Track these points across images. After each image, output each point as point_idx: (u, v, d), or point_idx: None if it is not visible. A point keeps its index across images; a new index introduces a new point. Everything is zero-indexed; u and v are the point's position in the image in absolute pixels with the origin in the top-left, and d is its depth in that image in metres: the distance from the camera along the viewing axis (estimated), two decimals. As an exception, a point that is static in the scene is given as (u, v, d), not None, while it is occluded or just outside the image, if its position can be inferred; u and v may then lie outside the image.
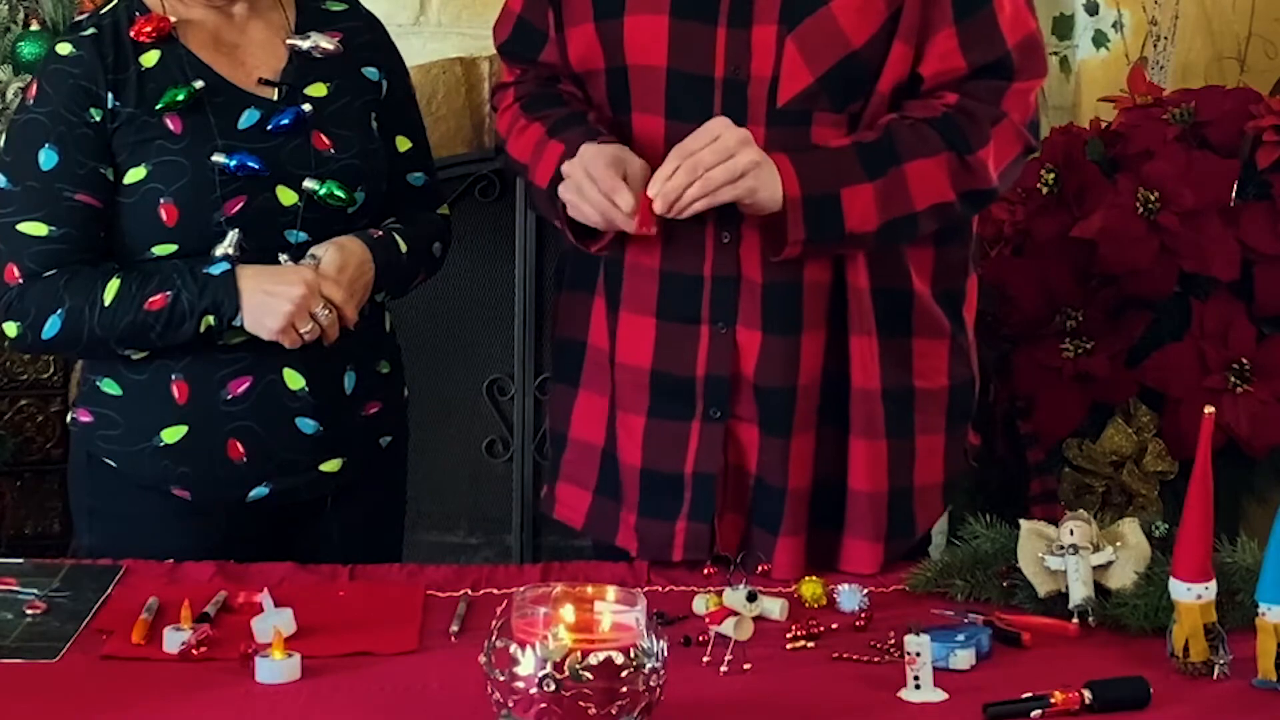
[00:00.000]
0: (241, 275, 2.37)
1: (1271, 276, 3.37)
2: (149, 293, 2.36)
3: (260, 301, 2.36)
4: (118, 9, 2.46)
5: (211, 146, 2.39)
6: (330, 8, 2.57)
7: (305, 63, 2.49)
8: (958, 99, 2.32)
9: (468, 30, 3.78)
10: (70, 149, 2.37)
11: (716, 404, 2.35)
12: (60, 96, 2.39)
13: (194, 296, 2.35)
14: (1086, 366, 3.37)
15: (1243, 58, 3.69)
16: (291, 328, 2.36)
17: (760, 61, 2.29)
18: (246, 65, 2.47)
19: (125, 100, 2.39)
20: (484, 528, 3.92)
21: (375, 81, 2.55)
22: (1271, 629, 1.93)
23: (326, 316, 2.38)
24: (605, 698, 1.72)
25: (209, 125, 2.40)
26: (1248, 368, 3.35)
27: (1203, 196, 3.34)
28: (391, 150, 2.56)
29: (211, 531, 2.44)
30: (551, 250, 3.76)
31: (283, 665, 1.93)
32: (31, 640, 2.04)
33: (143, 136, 2.39)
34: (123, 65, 2.41)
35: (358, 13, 2.61)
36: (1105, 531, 2.17)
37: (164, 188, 2.38)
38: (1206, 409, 1.95)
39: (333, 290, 2.38)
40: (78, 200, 2.37)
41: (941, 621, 2.08)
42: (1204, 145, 3.42)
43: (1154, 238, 3.33)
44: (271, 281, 2.37)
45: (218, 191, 2.38)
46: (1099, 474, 3.42)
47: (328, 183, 2.44)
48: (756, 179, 2.21)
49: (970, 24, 2.30)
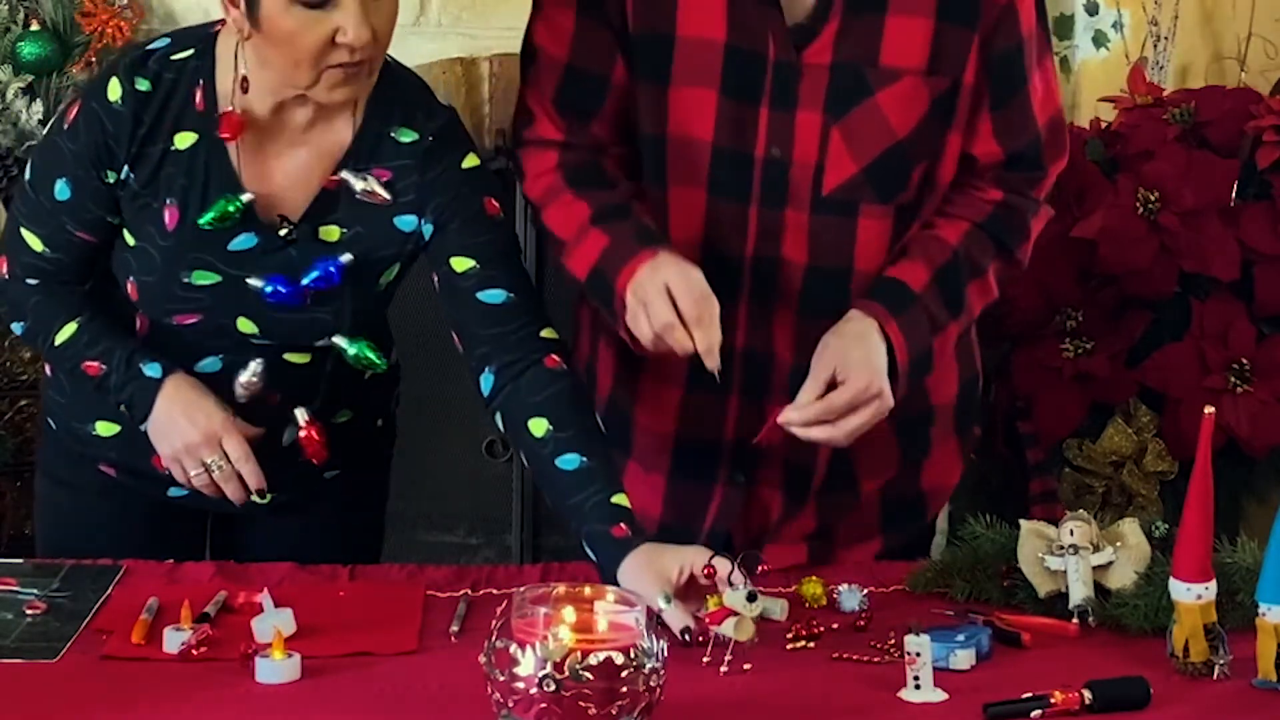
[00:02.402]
0: (164, 390, 2.32)
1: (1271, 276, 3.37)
2: (90, 355, 2.35)
3: (164, 423, 2.31)
4: (188, 65, 2.27)
5: (191, 259, 2.29)
6: (399, 137, 2.30)
7: (335, 200, 2.30)
8: (1002, 195, 2.35)
9: (468, 30, 3.78)
10: (82, 194, 2.30)
11: (741, 469, 2.39)
12: (88, 143, 2.28)
13: (120, 383, 2.33)
14: (1086, 366, 3.38)
15: (1243, 58, 3.69)
16: (178, 463, 2.32)
17: (804, 147, 2.28)
18: (274, 185, 2.29)
19: (139, 176, 2.28)
20: (484, 528, 3.92)
21: (409, 231, 2.32)
22: (1271, 629, 1.93)
23: (220, 471, 2.30)
24: (605, 698, 1.72)
25: (199, 236, 2.28)
26: (1248, 368, 3.35)
27: (1203, 196, 3.34)
28: (451, 273, 2.31)
29: (131, 514, 2.44)
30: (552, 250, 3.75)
31: (283, 665, 1.93)
32: (31, 640, 2.04)
33: (140, 216, 2.30)
34: (153, 138, 2.27)
35: (419, 147, 2.30)
36: (1105, 531, 2.17)
37: (135, 269, 2.32)
38: (1206, 409, 1.95)
39: (233, 446, 2.30)
40: (77, 236, 2.34)
41: (941, 621, 2.08)
42: (1204, 145, 3.42)
43: (1154, 238, 3.33)
44: (183, 410, 2.31)
45: (176, 304, 2.31)
46: (1099, 474, 3.42)
47: (359, 343, 2.34)
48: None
49: (1005, 113, 2.32)
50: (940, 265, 2.30)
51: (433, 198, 2.30)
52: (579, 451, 2.20)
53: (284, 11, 2.15)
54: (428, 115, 2.33)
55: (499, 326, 2.30)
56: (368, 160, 2.29)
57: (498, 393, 2.29)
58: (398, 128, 2.30)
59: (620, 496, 2.18)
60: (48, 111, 3.44)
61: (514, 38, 3.81)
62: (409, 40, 3.76)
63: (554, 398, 2.25)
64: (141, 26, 3.55)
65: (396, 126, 2.30)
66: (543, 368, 2.27)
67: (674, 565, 2.06)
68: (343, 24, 2.15)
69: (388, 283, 2.37)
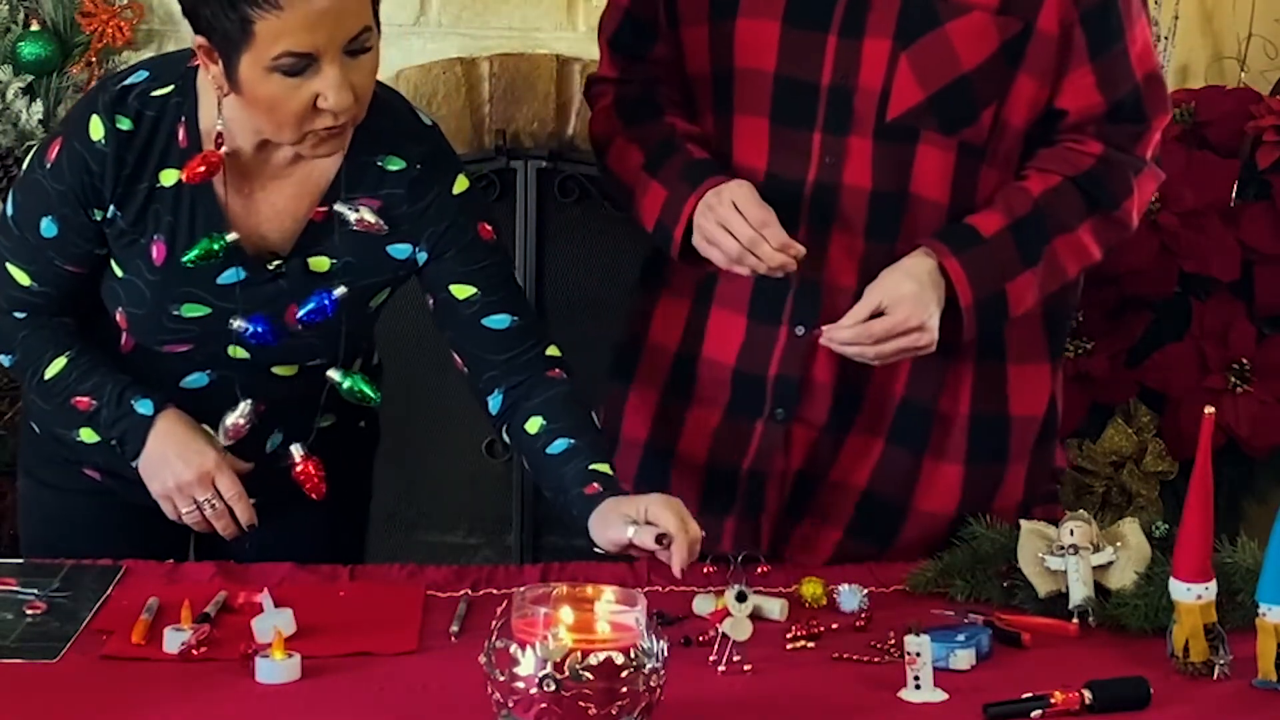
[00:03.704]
0: (155, 428, 2.31)
1: (1271, 276, 3.37)
2: (81, 390, 2.34)
3: (155, 462, 2.31)
4: (169, 102, 2.25)
5: (180, 292, 2.28)
6: (387, 166, 2.29)
7: (323, 231, 2.29)
8: (1102, 149, 2.36)
9: (468, 30, 3.79)
10: (68, 231, 2.30)
11: (783, 404, 2.41)
12: (72, 183, 2.27)
13: (110, 419, 2.33)
14: (1086, 366, 3.38)
15: (1243, 58, 3.69)
16: (170, 500, 2.32)
17: (870, 73, 2.32)
18: (260, 218, 2.29)
19: (125, 214, 2.27)
20: (484, 528, 3.92)
21: (403, 259, 2.32)
22: (1271, 629, 1.93)
23: (212, 509, 2.31)
24: (605, 698, 1.72)
25: (187, 271, 2.27)
26: (1248, 368, 3.35)
27: (1203, 196, 3.34)
28: (452, 300, 2.33)
29: (116, 516, 2.44)
30: (552, 250, 3.76)
31: (283, 665, 1.93)
32: (31, 640, 2.04)
33: (128, 251, 2.30)
34: (138, 177, 2.26)
35: (408, 174, 2.30)
36: (1105, 531, 2.17)
37: (125, 301, 2.33)
38: (1206, 409, 1.95)
39: (226, 485, 2.30)
40: (65, 269, 2.33)
41: (941, 621, 2.08)
42: (1204, 145, 3.42)
43: (1154, 238, 3.33)
44: (175, 449, 2.31)
45: (166, 334, 2.32)
46: (1099, 474, 3.42)
47: (354, 377, 2.35)
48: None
49: (1105, 62, 2.34)
50: (1019, 214, 2.33)
51: (427, 226, 2.30)
52: (568, 436, 2.27)
53: (263, 79, 2.11)
54: (414, 140, 2.32)
55: (507, 351, 2.33)
56: (356, 190, 2.28)
57: (506, 410, 2.34)
58: (384, 156, 2.29)
59: (601, 465, 2.24)
60: (48, 112, 3.44)
61: (514, 38, 3.83)
62: (409, 40, 3.76)
63: (550, 399, 2.31)
64: (141, 26, 3.55)
65: (383, 155, 2.29)
66: (544, 378, 2.33)
67: (637, 505, 2.15)
68: (323, 90, 2.12)
69: (377, 305, 2.39)
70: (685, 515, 2.13)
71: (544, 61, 3.78)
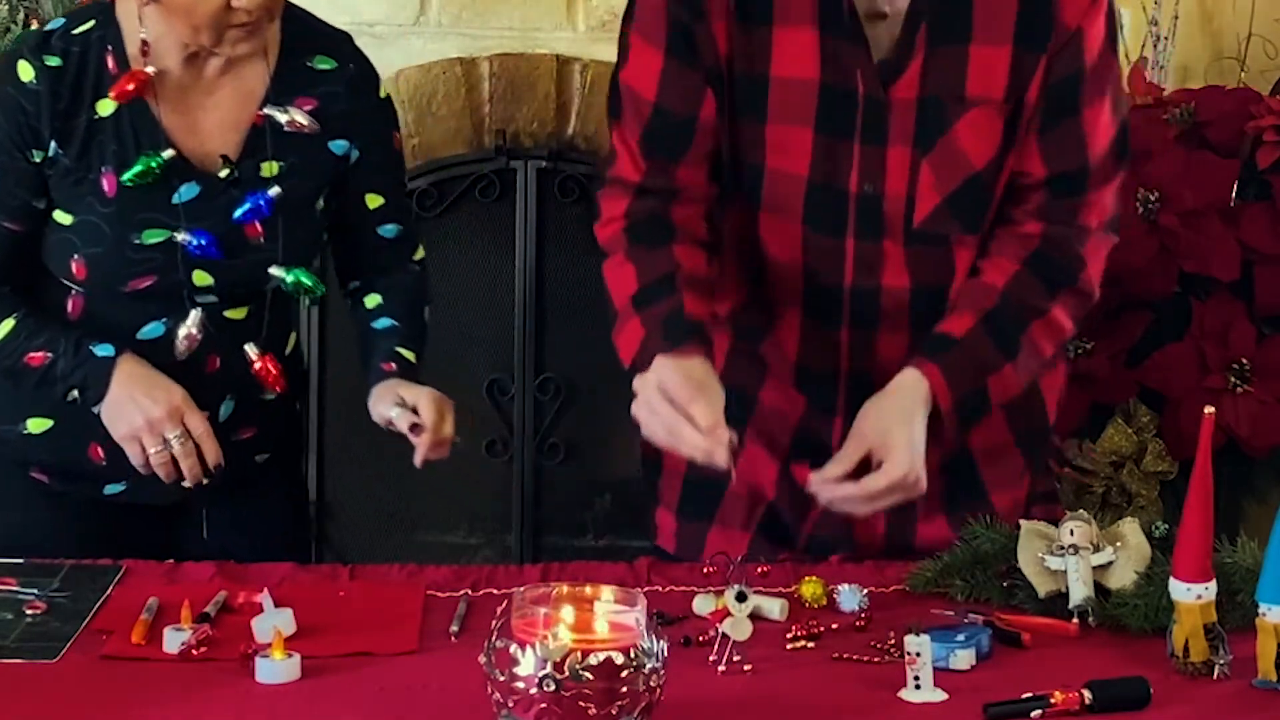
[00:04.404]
0: (118, 369, 2.34)
1: (1271, 276, 3.37)
2: (33, 347, 2.35)
3: (121, 403, 2.33)
4: (91, 36, 2.34)
5: (141, 219, 2.33)
6: (317, 65, 2.42)
7: (267, 136, 2.38)
8: (1042, 228, 2.32)
9: (468, 30, 3.79)
10: (7, 180, 2.33)
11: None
12: (7, 129, 2.32)
13: (69, 368, 2.34)
14: (1086, 366, 3.38)
15: (1243, 58, 3.69)
16: (138, 441, 2.33)
17: (895, 181, 2.29)
18: (204, 132, 2.37)
19: (68, 151, 2.32)
20: (484, 528, 3.92)
21: (341, 155, 2.44)
22: (1271, 629, 1.93)
23: (180, 445, 2.32)
24: (605, 698, 1.72)
25: (143, 196, 2.33)
26: (1248, 368, 3.36)
27: (1203, 196, 3.34)
28: (361, 207, 2.49)
29: (69, 519, 2.44)
30: (552, 250, 3.77)
31: (283, 665, 1.93)
32: (31, 640, 2.04)
33: (76, 190, 2.33)
34: (75, 111, 2.32)
35: (343, 74, 2.44)
36: (1105, 531, 2.17)
37: (80, 245, 2.34)
38: (1206, 409, 1.94)
39: (195, 421, 2.33)
40: (3, 227, 2.35)
41: (941, 621, 2.08)
42: (1204, 145, 3.42)
43: (1154, 238, 3.33)
44: (142, 388, 2.33)
45: (131, 268, 2.34)
46: (1099, 474, 3.42)
47: (295, 270, 2.39)
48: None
49: (1053, 136, 2.30)
50: (988, 308, 2.29)
51: (361, 124, 2.44)
52: (394, 319, 2.49)
53: None
54: (338, 42, 2.46)
55: (387, 255, 2.54)
56: (291, 92, 2.39)
57: (358, 288, 2.56)
58: (313, 57, 2.42)
59: (408, 351, 2.46)
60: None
61: (514, 38, 3.83)
62: (409, 40, 3.77)
63: (393, 285, 2.53)
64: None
65: (311, 56, 2.42)
66: (401, 270, 2.55)
67: (413, 391, 2.36)
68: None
69: (321, 211, 2.45)
70: (447, 416, 2.36)
71: (544, 61, 3.78)
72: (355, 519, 3.91)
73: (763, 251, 2.36)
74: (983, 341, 2.28)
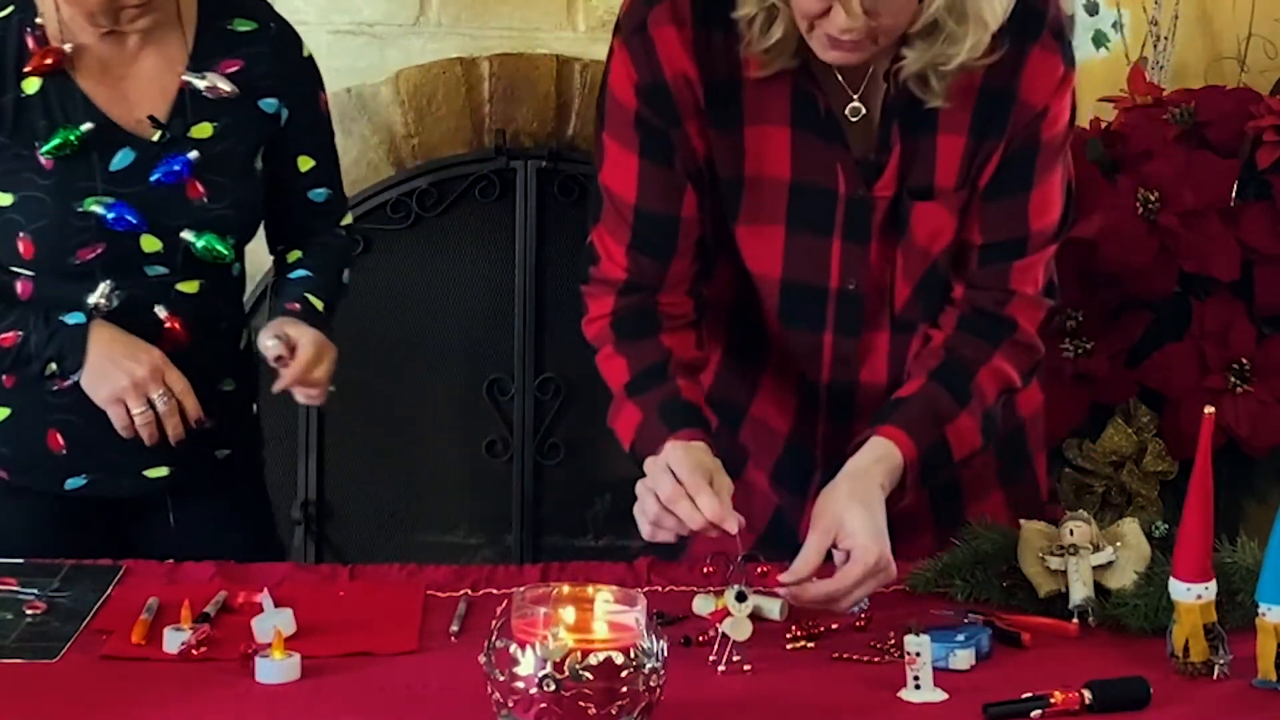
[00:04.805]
0: (94, 334, 2.35)
1: (1271, 276, 3.37)
2: (2, 328, 2.36)
3: (103, 365, 2.34)
4: (10, 21, 2.38)
5: (80, 189, 2.36)
6: (237, 28, 2.47)
7: (196, 99, 2.42)
8: (963, 293, 2.30)
9: (468, 30, 3.79)
10: None
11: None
12: None
13: (42, 342, 2.35)
14: (1086, 366, 3.38)
15: (1243, 58, 3.69)
16: (122, 403, 2.34)
17: (877, 275, 2.28)
18: (132, 100, 2.41)
19: (1, 130, 2.36)
20: (484, 528, 3.92)
21: (272, 114, 2.48)
22: (1271, 629, 1.93)
23: (164, 403, 2.34)
24: (605, 698, 1.72)
25: (81, 166, 2.36)
26: (1248, 368, 3.36)
27: (1203, 196, 3.34)
28: (292, 170, 2.53)
29: (30, 516, 2.45)
30: (552, 250, 3.77)
31: (283, 665, 1.93)
32: (31, 640, 2.04)
33: (13, 167, 2.36)
34: (1, 91, 2.36)
35: (266, 33, 2.48)
36: (1105, 531, 2.17)
37: (24, 222, 2.36)
38: (1206, 409, 1.94)
39: (176, 379, 2.35)
40: None
41: (941, 621, 2.08)
42: (1204, 145, 3.42)
43: (1154, 238, 3.33)
44: (121, 350, 2.35)
45: (80, 237, 2.36)
46: (1099, 474, 3.42)
47: (206, 235, 2.41)
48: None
49: (999, 205, 2.27)
50: (934, 366, 2.26)
51: (288, 82, 2.49)
52: (309, 271, 2.53)
53: None
54: (256, 4, 2.50)
55: (317, 220, 2.58)
56: (214, 56, 2.43)
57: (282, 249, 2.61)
58: (231, 20, 2.46)
59: (316, 300, 2.48)
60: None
61: (514, 38, 3.83)
62: (409, 40, 3.77)
63: (315, 244, 2.57)
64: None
65: (230, 19, 2.46)
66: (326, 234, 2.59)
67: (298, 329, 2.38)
68: None
69: (260, 170, 2.49)
70: (324, 361, 2.38)
71: (544, 61, 3.78)
72: (355, 519, 3.90)
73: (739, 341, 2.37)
74: (935, 390, 2.24)
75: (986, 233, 2.28)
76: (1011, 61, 2.19)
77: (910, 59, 2.14)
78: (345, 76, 3.75)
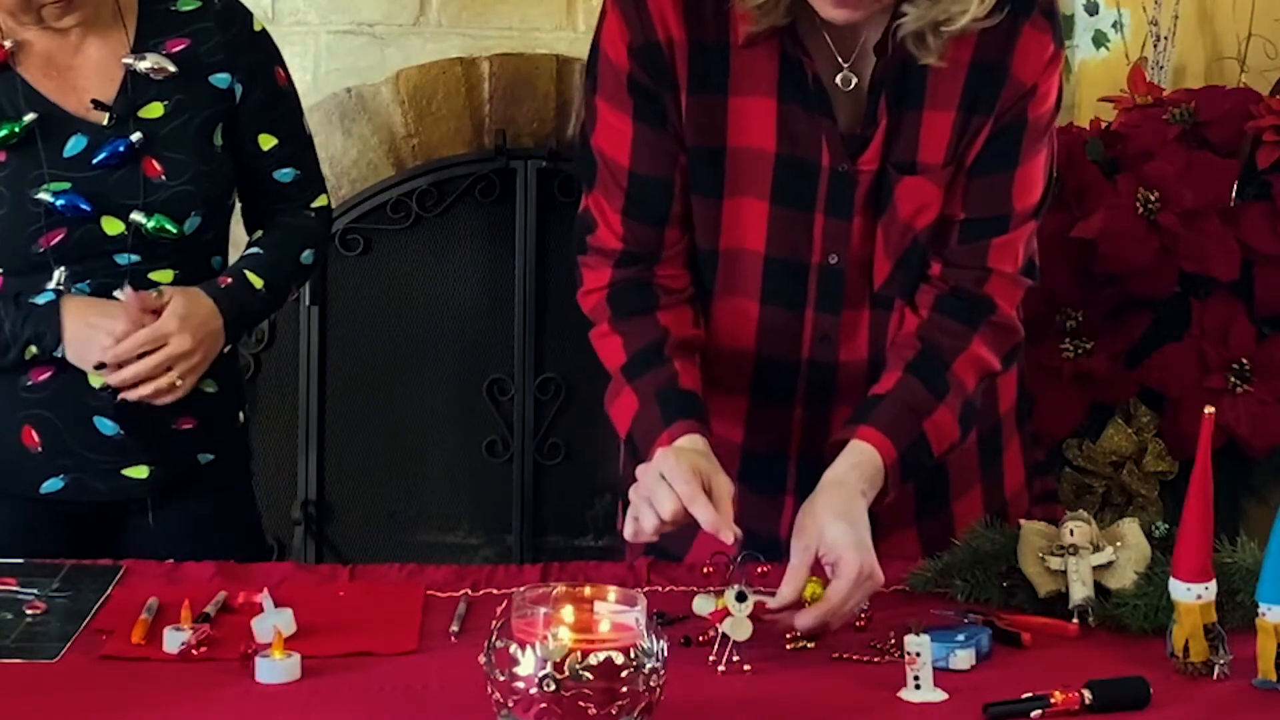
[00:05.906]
0: (66, 306, 2.38)
1: (1271, 276, 3.37)
2: None
3: (82, 333, 2.36)
4: None
5: (35, 176, 2.38)
6: (180, 8, 2.49)
7: (142, 81, 2.44)
8: (941, 270, 2.28)
9: (468, 30, 3.79)
10: None
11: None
12: None
13: (17, 326, 2.37)
14: (1086, 366, 3.38)
15: (1243, 58, 3.69)
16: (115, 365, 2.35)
17: (858, 250, 2.26)
18: (79, 88, 2.43)
19: None
20: (484, 528, 3.92)
21: (225, 89, 2.49)
22: (1271, 629, 1.93)
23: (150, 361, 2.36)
24: (605, 698, 1.72)
25: (33, 155, 2.38)
26: (1248, 368, 3.35)
27: (1203, 196, 3.34)
28: (255, 149, 2.53)
29: (7, 521, 2.45)
30: (552, 250, 3.77)
31: (283, 665, 1.93)
32: (31, 640, 2.04)
33: None
34: None
35: (209, 9, 2.50)
36: (1105, 531, 2.17)
37: None
38: (1206, 409, 1.94)
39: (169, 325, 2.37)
40: None
41: (941, 621, 2.08)
42: (1204, 145, 3.42)
43: (1154, 238, 3.33)
44: (97, 315, 2.37)
45: (38, 224, 2.38)
46: (1099, 474, 3.42)
47: (156, 216, 2.41)
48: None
49: (983, 182, 2.26)
50: (910, 357, 2.25)
51: (238, 55, 2.49)
52: (260, 248, 2.54)
53: None
54: None
55: (285, 201, 2.58)
56: (160, 36, 2.46)
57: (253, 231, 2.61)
58: (175, 1, 2.48)
59: (255, 277, 2.49)
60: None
61: (514, 38, 3.83)
62: (409, 40, 3.77)
63: (280, 223, 2.57)
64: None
65: (174, 1, 2.48)
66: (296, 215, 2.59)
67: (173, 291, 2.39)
68: None
69: (222, 148, 2.49)
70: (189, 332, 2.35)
71: (544, 61, 3.78)
72: (355, 519, 3.91)
73: (717, 335, 2.32)
74: (911, 384, 2.23)
75: (969, 208, 2.27)
76: (1004, 37, 2.19)
77: (911, 16, 2.13)
78: (345, 76, 3.75)
